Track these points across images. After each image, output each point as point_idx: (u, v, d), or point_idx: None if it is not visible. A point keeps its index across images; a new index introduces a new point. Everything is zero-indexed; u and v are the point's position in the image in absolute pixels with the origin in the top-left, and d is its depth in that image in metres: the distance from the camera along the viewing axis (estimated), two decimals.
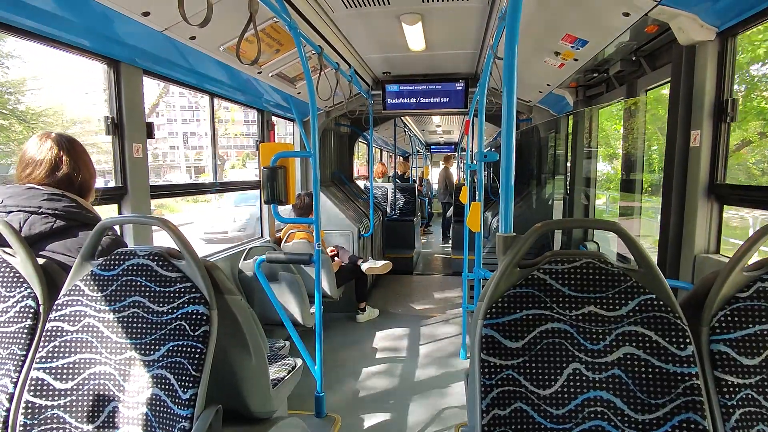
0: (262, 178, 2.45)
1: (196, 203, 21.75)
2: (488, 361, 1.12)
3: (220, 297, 1.37)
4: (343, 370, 3.46)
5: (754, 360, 1.08)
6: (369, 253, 5.51)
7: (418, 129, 10.17)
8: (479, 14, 2.93)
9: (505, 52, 1.39)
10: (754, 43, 2.44)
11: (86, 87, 17.63)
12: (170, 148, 47.46)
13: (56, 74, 23.18)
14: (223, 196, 24.22)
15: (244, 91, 3.45)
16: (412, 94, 4.72)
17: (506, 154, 1.39)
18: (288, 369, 2.06)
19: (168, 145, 47.26)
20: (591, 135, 3.83)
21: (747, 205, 1.90)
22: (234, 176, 30.31)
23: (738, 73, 2.01)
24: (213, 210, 20.63)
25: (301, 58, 2.38)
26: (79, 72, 38.61)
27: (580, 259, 1.15)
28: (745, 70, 2.59)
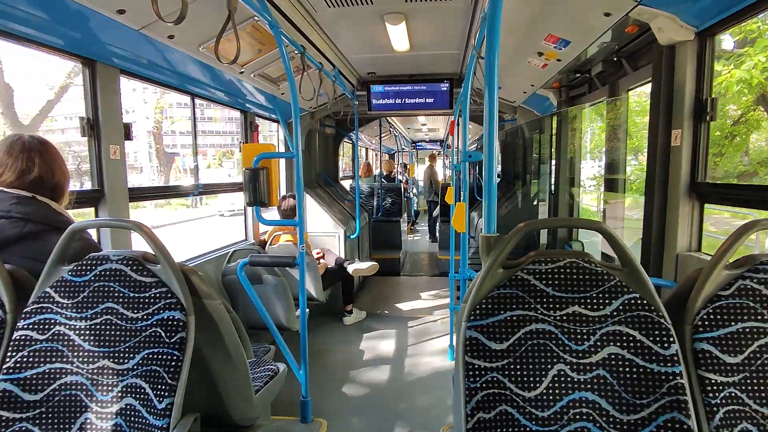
0: (243, 179, 2.41)
1: (166, 207, 21.06)
2: (472, 363, 1.10)
3: (197, 302, 1.33)
4: (330, 374, 3.42)
5: (737, 358, 1.08)
6: (356, 254, 5.48)
7: (404, 127, 10.18)
8: (462, 14, 2.93)
9: (486, 52, 1.38)
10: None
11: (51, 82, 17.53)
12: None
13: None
14: (201, 203, 23.52)
15: (226, 91, 3.39)
16: (397, 95, 4.71)
17: (488, 154, 1.38)
18: (271, 374, 2.02)
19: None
20: (575, 134, 3.86)
21: (727, 203, 1.92)
22: (211, 176, 29.70)
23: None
24: (193, 218, 20.12)
25: (283, 58, 2.35)
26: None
27: (563, 259, 1.14)
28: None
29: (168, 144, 43.05)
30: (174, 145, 43.09)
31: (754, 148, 9.82)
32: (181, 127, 43.01)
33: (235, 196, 13.79)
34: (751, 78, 6.25)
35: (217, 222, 19.06)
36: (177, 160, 35.22)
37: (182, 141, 44.21)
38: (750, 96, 8.55)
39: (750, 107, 9.23)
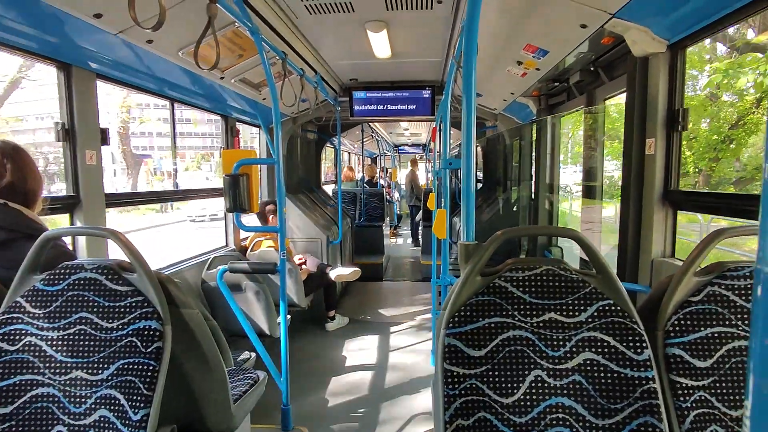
0: (224, 185, 2.39)
1: (133, 212, 20.15)
2: (451, 370, 1.11)
3: (174, 311, 1.31)
4: (311, 381, 3.40)
5: (706, 362, 1.12)
6: (338, 260, 5.46)
7: (386, 132, 10.21)
8: (443, 23, 2.97)
9: (464, 61, 1.40)
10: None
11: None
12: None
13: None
14: (172, 207, 22.62)
15: (207, 96, 3.36)
16: (379, 101, 4.73)
17: (467, 162, 1.39)
18: (251, 382, 2.00)
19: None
20: (554, 142, 3.93)
21: (699, 210, 1.98)
22: (189, 179, 28.85)
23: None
24: (161, 224, 19.23)
25: (264, 64, 2.34)
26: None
27: (540, 267, 1.17)
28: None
29: (142, 146, 42.09)
30: (147, 147, 42.16)
31: (751, 152, 9.97)
32: (153, 128, 41.95)
33: (207, 201, 13.45)
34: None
35: (187, 228, 18.27)
36: (149, 163, 34.40)
37: (155, 143, 43.26)
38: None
39: (749, 109, 9.40)
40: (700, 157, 10.13)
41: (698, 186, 10.23)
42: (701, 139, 10.42)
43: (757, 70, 8.38)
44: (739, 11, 1.63)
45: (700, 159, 10.14)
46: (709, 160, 9.99)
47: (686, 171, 10.47)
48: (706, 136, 10.13)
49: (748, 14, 1.63)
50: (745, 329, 1.15)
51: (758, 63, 8.28)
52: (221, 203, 2.76)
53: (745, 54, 8.77)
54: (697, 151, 10.23)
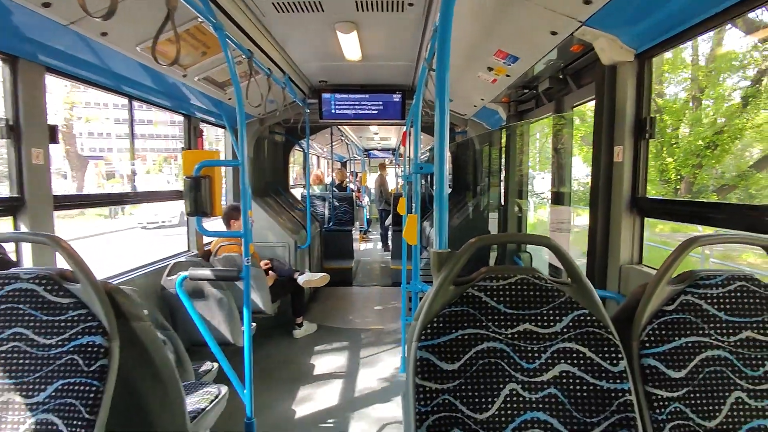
0: (184, 188, 2.26)
1: (78, 218, 18.73)
2: (423, 386, 1.06)
3: (123, 324, 1.20)
4: (277, 391, 3.28)
5: (681, 372, 1.11)
6: (306, 265, 5.35)
7: (356, 136, 10.16)
8: (414, 26, 2.94)
9: (437, 65, 1.36)
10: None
11: None
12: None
13: None
14: (123, 213, 21.12)
15: (168, 94, 3.21)
16: (349, 104, 4.67)
17: (440, 167, 1.35)
18: (211, 398, 1.89)
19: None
20: (524, 148, 3.97)
21: (665, 217, 2.02)
22: (150, 183, 27.28)
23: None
24: (109, 230, 17.92)
25: (228, 62, 2.24)
26: None
27: (514, 276, 1.13)
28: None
29: (100, 147, 40.28)
30: (105, 149, 40.41)
31: (733, 159, 10.16)
32: (112, 129, 40.17)
33: (161, 207, 12.97)
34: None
35: (138, 236, 16.96)
36: (100, 164, 32.91)
37: (113, 144, 41.49)
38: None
39: (734, 113, 9.60)
40: (683, 164, 10.30)
41: (680, 194, 10.41)
42: (684, 145, 10.57)
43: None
44: (704, 23, 1.67)
45: (683, 165, 10.32)
46: (693, 166, 10.20)
47: (668, 178, 10.63)
48: (689, 141, 10.27)
49: (712, 26, 1.67)
50: (718, 338, 1.15)
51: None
52: (175, 209, 2.64)
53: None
54: (680, 158, 10.39)
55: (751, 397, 1.11)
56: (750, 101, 9.11)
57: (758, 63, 9.22)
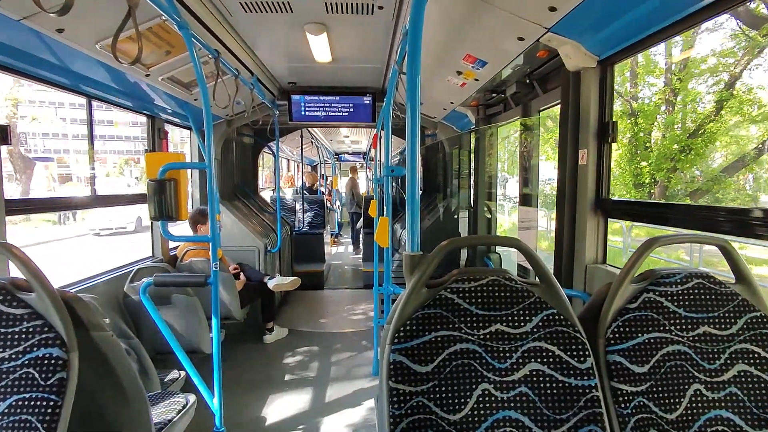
0: (148, 191, 2.18)
1: (22, 224, 17.05)
2: (397, 389, 1.05)
3: (83, 335, 1.15)
4: (248, 398, 3.21)
5: (644, 368, 1.15)
6: (276, 269, 5.27)
7: (326, 139, 10.10)
8: (384, 29, 2.95)
9: (408, 68, 1.37)
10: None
11: None
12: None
13: None
14: (76, 218, 19.86)
15: (130, 94, 3.09)
16: (319, 106, 4.64)
17: (411, 170, 1.36)
18: (178, 408, 1.83)
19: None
20: (492, 151, 4.04)
21: (627, 218, 2.09)
22: (111, 186, 25.79)
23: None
24: (58, 238, 16.53)
25: (194, 61, 2.18)
26: None
27: (486, 277, 1.15)
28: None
29: (55, 149, 38.39)
30: (60, 150, 38.58)
31: (706, 163, 10.35)
32: (60, 129, 38.31)
33: (116, 211, 12.41)
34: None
35: (91, 243, 15.58)
36: (51, 167, 31.39)
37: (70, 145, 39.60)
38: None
39: (708, 117, 9.79)
40: (658, 168, 10.50)
41: (654, 198, 10.64)
42: (659, 148, 10.74)
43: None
44: (664, 30, 1.74)
45: (657, 169, 10.52)
46: (667, 170, 10.42)
47: (642, 182, 10.85)
48: (665, 144, 10.44)
49: (672, 33, 1.74)
50: (678, 334, 1.20)
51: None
52: (132, 214, 2.52)
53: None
54: (654, 161, 10.56)
55: (708, 389, 1.16)
56: (724, 105, 9.39)
57: (728, 68, 9.53)
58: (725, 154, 10.21)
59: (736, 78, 9.32)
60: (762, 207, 1.47)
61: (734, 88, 9.33)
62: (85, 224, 18.15)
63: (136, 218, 17.08)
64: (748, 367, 1.17)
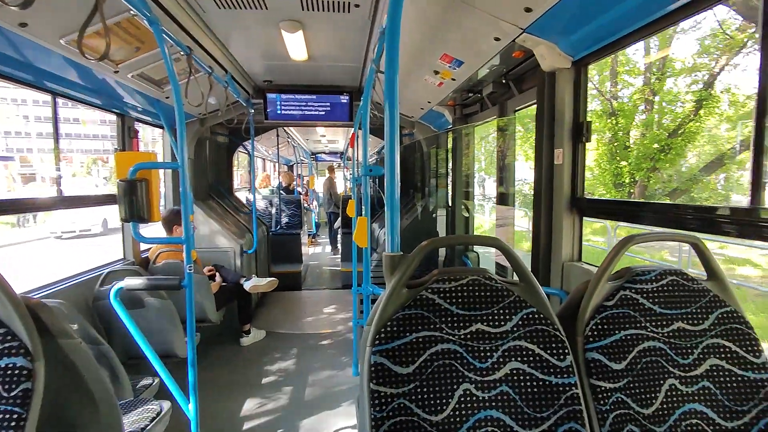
0: (118, 192, 2.11)
1: None
2: (378, 391, 1.04)
3: (49, 342, 1.10)
4: (225, 403, 3.14)
5: (621, 364, 1.17)
6: (253, 270, 5.18)
7: (303, 138, 10.00)
8: (360, 27, 2.93)
9: (386, 67, 1.36)
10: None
11: None
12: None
13: None
14: (35, 221, 18.81)
15: (98, 91, 2.98)
16: (295, 105, 4.58)
17: (390, 170, 1.34)
18: (152, 415, 1.77)
19: None
20: (470, 151, 4.07)
21: (602, 216, 2.13)
22: (78, 186, 24.49)
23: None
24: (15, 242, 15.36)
25: (165, 58, 2.11)
26: None
27: (466, 277, 1.15)
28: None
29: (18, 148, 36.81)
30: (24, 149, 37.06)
31: (685, 162, 10.40)
32: (22, 127, 36.80)
33: (80, 213, 11.95)
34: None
35: (53, 247, 14.70)
36: (11, 166, 30.14)
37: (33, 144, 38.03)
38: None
39: (688, 116, 9.82)
40: (638, 167, 10.59)
41: (633, 197, 10.73)
42: (638, 147, 10.80)
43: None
44: (637, 32, 1.78)
45: (637, 169, 10.62)
46: (647, 170, 10.52)
47: (622, 181, 10.94)
48: (644, 144, 10.50)
49: (645, 35, 1.79)
50: (653, 330, 1.22)
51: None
52: (98, 216, 2.41)
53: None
54: (635, 161, 10.62)
55: (682, 383, 1.19)
56: (704, 104, 9.50)
57: (706, 67, 9.62)
58: (698, 154, 10.38)
59: (715, 77, 9.52)
60: (728, 205, 1.53)
61: (712, 88, 9.51)
62: (46, 227, 17.05)
63: (102, 220, 16.23)
64: (719, 361, 1.21)
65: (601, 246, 9.92)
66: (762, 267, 8.51)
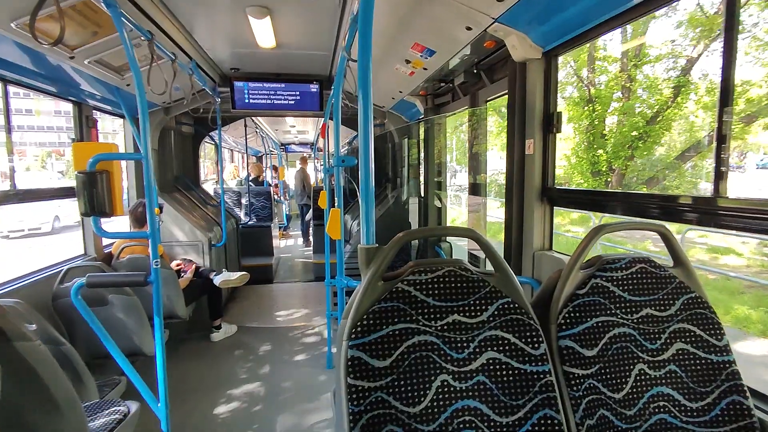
0: (77, 185, 2.00)
1: None
2: (355, 386, 1.03)
3: (5, 345, 1.03)
4: (196, 401, 3.07)
5: (593, 351, 1.20)
6: (223, 264, 5.07)
7: (272, 128, 9.81)
8: (331, 14, 2.87)
9: (359, 56, 1.33)
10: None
11: None
12: None
13: None
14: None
15: (52, 78, 2.81)
16: (264, 94, 4.47)
17: (364, 160, 1.32)
18: (119, 417, 1.71)
19: None
20: (442, 141, 4.09)
21: (571, 206, 2.18)
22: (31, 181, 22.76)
23: None
24: None
25: (125, 43, 2.01)
26: None
27: (441, 268, 1.15)
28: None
29: None
30: None
31: (663, 151, 10.29)
32: None
33: (28, 211, 11.31)
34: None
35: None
36: None
37: None
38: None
39: (666, 104, 9.69)
40: (615, 156, 10.59)
41: (611, 186, 10.73)
42: (615, 135, 10.69)
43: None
44: (606, 23, 1.81)
45: (615, 157, 10.62)
46: (625, 158, 10.54)
47: (599, 170, 10.92)
48: (622, 132, 10.39)
49: (614, 26, 1.82)
50: (623, 317, 1.26)
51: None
52: (48, 213, 2.26)
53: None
54: (612, 149, 10.52)
55: (651, 367, 1.24)
56: (681, 91, 9.45)
57: (680, 54, 9.52)
58: (673, 142, 10.39)
59: (693, 63, 9.53)
60: (690, 194, 1.59)
61: (689, 74, 9.54)
62: None
63: (53, 217, 15.03)
64: (685, 345, 1.26)
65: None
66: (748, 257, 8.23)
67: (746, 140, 9.52)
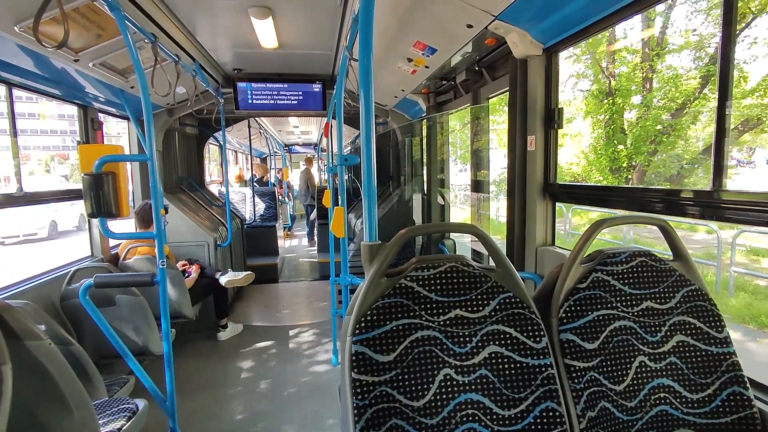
0: (83, 187, 2.02)
1: None
2: (360, 380, 1.05)
3: (15, 345, 1.05)
4: (203, 399, 3.10)
5: (594, 344, 1.21)
6: (228, 264, 5.10)
7: (275, 129, 9.83)
8: (332, 14, 2.88)
9: (360, 55, 1.34)
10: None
11: None
12: None
13: None
14: None
15: (57, 81, 2.84)
16: (267, 94, 4.49)
17: (367, 158, 1.33)
18: (128, 414, 1.73)
19: None
20: (445, 139, 4.09)
21: (573, 201, 2.19)
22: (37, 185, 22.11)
23: None
24: None
25: (129, 46, 2.03)
26: None
27: (444, 264, 1.16)
28: None
29: None
30: None
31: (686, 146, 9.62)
32: None
33: (25, 216, 11.15)
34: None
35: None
36: None
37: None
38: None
39: (692, 96, 8.68)
40: (636, 151, 9.71)
41: (632, 183, 9.75)
42: (637, 129, 9.68)
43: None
44: (606, 19, 1.82)
45: (637, 153, 9.73)
46: (647, 154, 9.70)
47: (619, 166, 9.93)
48: (646, 126, 9.39)
49: (614, 21, 1.82)
50: (624, 310, 1.27)
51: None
52: (45, 218, 2.27)
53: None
54: (633, 143, 9.53)
55: (651, 360, 1.24)
56: (710, 80, 8.52)
57: (709, 39, 8.62)
58: (695, 135, 9.61)
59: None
60: (691, 188, 1.59)
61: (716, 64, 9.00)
62: None
63: (50, 223, 14.38)
64: (685, 338, 1.26)
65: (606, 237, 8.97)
66: None
67: (759, 134, 9.00)
